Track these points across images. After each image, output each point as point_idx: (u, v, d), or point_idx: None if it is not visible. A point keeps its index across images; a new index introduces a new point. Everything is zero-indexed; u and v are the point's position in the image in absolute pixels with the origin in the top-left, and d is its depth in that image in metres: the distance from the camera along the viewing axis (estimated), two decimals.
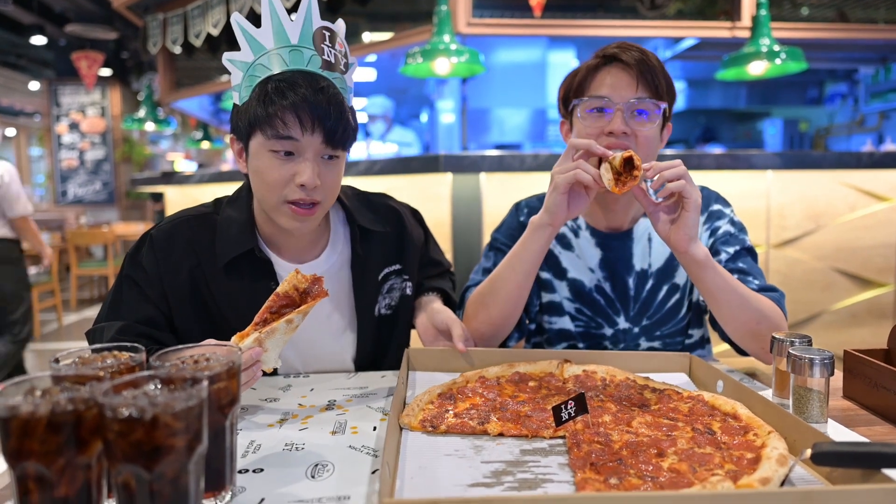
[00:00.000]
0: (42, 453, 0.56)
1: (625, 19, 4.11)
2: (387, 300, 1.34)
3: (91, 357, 0.73)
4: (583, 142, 1.14)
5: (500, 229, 1.51)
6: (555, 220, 1.18)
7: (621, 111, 1.25)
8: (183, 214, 1.26)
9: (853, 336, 3.11)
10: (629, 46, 1.28)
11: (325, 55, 1.11)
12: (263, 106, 1.07)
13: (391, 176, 2.85)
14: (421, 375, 1.17)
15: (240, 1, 4.37)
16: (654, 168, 1.10)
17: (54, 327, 5.95)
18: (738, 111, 8.18)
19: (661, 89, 1.27)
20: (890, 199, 3.06)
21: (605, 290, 1.42)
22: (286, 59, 1.10)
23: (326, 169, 1.13)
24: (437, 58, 3.25)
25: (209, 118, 8.41)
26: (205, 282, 1.21)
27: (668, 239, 1.14)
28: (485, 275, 1.42)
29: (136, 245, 1.23)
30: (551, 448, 0.87)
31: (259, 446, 0.90)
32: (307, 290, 0.99)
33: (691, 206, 1.09)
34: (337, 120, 1.09)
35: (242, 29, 1.11)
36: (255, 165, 1.13)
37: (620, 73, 1.27)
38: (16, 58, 9.96)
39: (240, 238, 1.20)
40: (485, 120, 6.40)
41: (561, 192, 1.15)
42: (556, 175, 1.16)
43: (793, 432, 0.84)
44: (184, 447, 0.58)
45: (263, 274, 1.21)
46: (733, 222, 1.40)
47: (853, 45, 5.18)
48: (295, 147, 1.09)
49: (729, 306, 1.18)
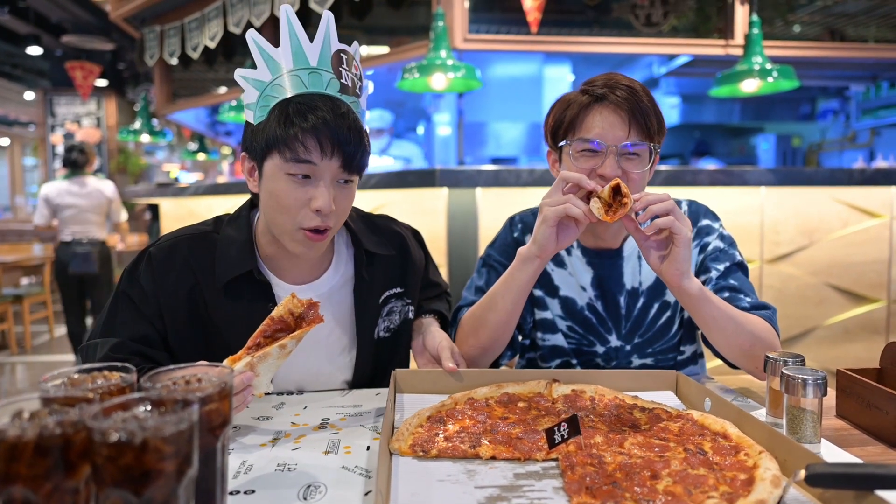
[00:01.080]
0: (29, 477, 0.55)
1: (620, 35, 4.15)
2: (386, 322, 1.33)
3: (81, 378, 0.72)
4: (573, 175, 1.14)
5: (494, 244, 1.51)
6: (543, 253, 1.18)
7: (614, 154, 1.23)
8: (182, 233, 1.25)
9: (846, 351, 3.12)
10: (619, 83, 1.25)
11: (343, 79, 1.12)
12: (284, 128, 1.06)
13: (387, 190, 2.85)
14: (409, 398, 1.16)
15: (237, 14, 4.39)
16: (643, 200, 1.10)
17: (46, 339, 5.90)
18: (732, 126, 8.24)
19: (653, 129, 1.25)
20: (882, 215, 3.09)
21: (597, 309, 1.42)
22: (305, 82, 1.10)
23: (341, 193, 1.12)
24: (434, 73, 3.26)
25: (205, 130, 8.42)
26: (202, 302, 1.20)
27: (661, 273, 1.14)
28: (477, 293, 1.42)
29: (133, 262, 1.22)
30: (545, 471, 0.87)
31: (251, 467, 0.89)
32: (302, 315, 0.98)
33: (682, 241, 1.09)
34: (356, 145, 1.09)
35: (259, 47, 1.10)
36: (270, 188, 1.12)
37: (612, 115, 1.24)
38: (11, 67, 9.96)
39: (239, 259, 1.19)
40: (481, 134, 6.43)
41: (550, 225, 1.15)
42: (546, 207, 1.15)
43: (784, 452, 0.84)
44: (174, 471, 0.57)
45: (262, 296, 1.20)
46: (723, 237, 1.40)
47: (845, 63, 5.24)
48: (312, 171, 1.09)
49: (723, 333, 1.18)
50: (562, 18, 4.45)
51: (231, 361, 0.93)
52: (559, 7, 4.38)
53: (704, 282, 1.34)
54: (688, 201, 1.46)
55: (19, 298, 5.27)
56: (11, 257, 5.44)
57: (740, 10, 3.97)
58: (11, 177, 13.67)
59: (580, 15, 4.56)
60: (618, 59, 6.21)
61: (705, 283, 1.34)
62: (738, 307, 1.26)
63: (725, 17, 4.06)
